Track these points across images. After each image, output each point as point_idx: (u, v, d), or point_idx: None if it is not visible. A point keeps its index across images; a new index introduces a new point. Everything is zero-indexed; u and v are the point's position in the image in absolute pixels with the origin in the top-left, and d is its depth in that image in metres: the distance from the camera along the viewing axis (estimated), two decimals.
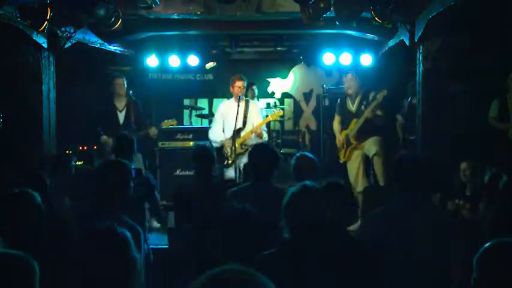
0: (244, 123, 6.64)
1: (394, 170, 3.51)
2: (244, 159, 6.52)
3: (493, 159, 5.43)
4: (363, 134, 6.62)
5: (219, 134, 6.75)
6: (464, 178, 5.28)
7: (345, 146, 6.77)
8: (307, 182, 2.81)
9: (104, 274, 2.17)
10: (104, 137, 6.88)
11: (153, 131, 7.03)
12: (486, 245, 2.18)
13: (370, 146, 6.57)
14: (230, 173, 6.49)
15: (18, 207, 2.82)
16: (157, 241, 5.61)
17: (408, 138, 7.14)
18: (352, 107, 6.76)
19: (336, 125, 6.98)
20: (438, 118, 5.87)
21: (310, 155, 4.48)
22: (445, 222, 3.40)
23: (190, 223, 4.30)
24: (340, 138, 6.86)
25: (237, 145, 6.46)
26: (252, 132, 6.53)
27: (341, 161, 6.84)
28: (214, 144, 6.62)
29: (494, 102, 6.02)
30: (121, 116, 7.03)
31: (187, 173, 7.03)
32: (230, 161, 6.48)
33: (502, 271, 2.10)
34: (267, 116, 7.02)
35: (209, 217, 3.99)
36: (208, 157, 4.66)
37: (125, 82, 7.12)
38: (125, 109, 7.06)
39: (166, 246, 5.06)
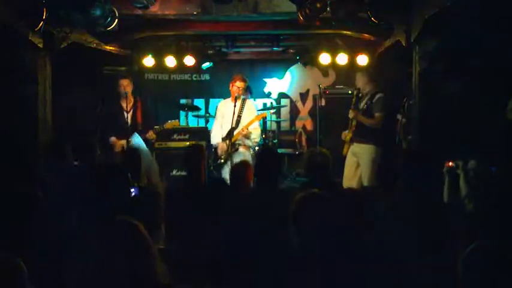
0: (238, 122, 6.72)
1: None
2: (236, 159, 6.59)
3: (491, 157, 5.43)
4: (357, 135, 6.69)
5: (216, 135, 6.93)
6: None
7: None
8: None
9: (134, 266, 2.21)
10: (113, 138, 6.83)
11: (151, 134, 6.99)
12: (470, 246, 2.21)
13: (361, 157, 6.62)
14: (225, 173, 6.53)
15: (25, 208, 2.80)
16: None
17: (407, 138, 7.15)
18: (361, 105, 6.88)
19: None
20: (434, 118, 5.87)
21: (324, 150, 4.54)
22: None
23: (182, 224, 4.29)
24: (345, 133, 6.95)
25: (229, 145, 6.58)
26: (239, 133, 6.66)
27: (344, 154, 6.88)
28: (214, 144, 6.89)
29: None
30: (128, 117, 6.97)
31: (183, 173, 7.01)
32: (222, 161, 6.57)
33: (487, 272, 2.13)
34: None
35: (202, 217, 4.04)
36: (198, 156, 4.63)
37: (131, 82, 7.06)
38: (132, 110, 6.99)
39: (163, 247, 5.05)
